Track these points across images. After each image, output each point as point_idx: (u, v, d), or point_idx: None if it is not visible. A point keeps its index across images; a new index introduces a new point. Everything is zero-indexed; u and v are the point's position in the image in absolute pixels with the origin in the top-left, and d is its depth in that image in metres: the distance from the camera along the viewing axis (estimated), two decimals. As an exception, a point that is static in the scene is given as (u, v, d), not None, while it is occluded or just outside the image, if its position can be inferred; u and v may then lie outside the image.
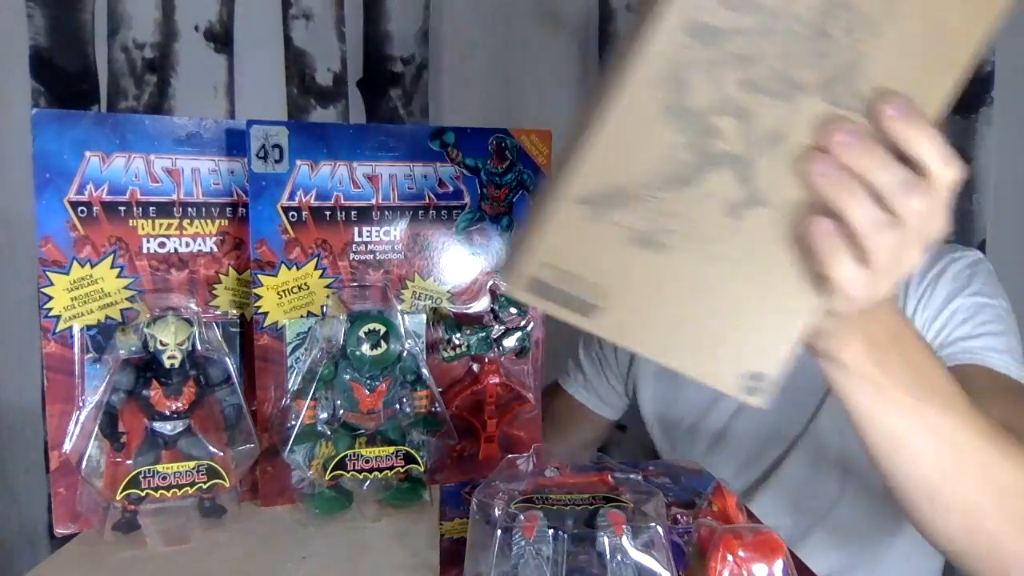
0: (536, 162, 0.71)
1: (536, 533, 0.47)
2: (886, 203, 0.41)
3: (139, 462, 0.57)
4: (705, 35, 0.40)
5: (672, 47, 0.40)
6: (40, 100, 1.11)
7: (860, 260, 0.41)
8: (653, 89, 0.40)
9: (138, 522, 0.57)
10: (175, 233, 0.63)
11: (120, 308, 0.61)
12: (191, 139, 0.62)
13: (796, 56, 0.40)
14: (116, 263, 0.61)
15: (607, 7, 1.15)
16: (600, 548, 0.47)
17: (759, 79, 0.41)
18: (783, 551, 0.44)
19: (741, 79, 0.41)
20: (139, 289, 0.61)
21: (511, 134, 0.70)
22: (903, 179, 0.40)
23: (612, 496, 0.51)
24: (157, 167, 0.62)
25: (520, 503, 0.50)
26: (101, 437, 0.57)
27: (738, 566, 0.43)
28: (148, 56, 1.15)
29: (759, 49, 0.40)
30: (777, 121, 0.41)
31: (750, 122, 0.41)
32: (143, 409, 0.57)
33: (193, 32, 1.16)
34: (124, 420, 0.57)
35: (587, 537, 0.47)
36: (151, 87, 1.16)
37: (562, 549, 0.47)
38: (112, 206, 0.60)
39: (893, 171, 0.40)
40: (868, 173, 0.40)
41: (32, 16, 1.10)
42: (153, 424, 0.57)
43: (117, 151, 0.60)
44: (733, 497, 0.54)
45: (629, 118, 0.41)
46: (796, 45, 0.40)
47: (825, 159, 0.41)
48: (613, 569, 0.46)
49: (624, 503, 0.50)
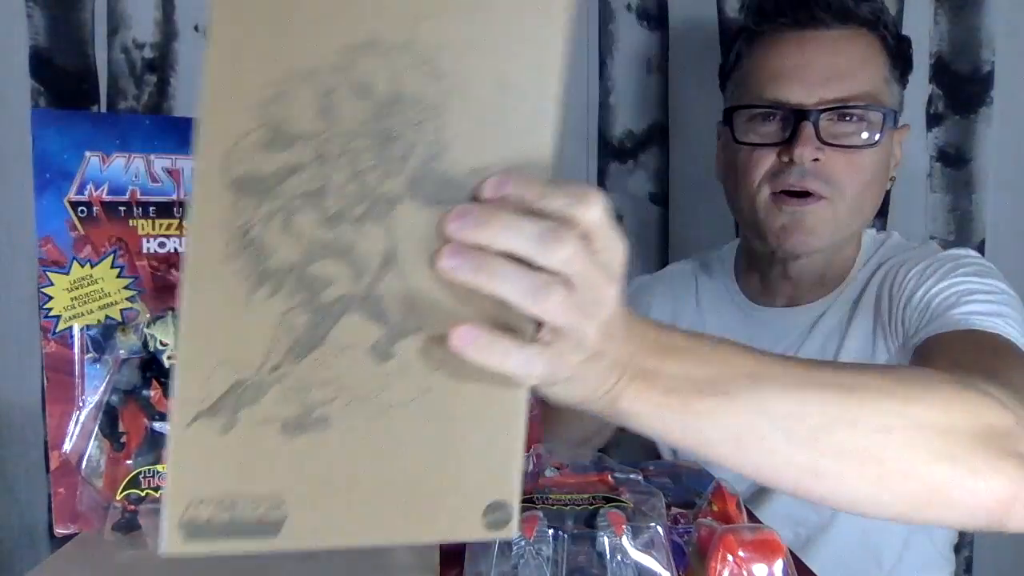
0: (536, 162, 0.71)
1: (536, 533, 0.47)
2: (535, 263, 0.37)
3: (139, 462, 0.57)
4: (254, 186, 0.36)
5: (223, 213, 0.35)
6: (40, 100, 1.11)
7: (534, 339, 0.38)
8: (224, 266, 0.36)
9: (138, 522, 0.57)
10: (175, 233, 0.63)
11: (120, 308, 0.61)
12: (191, 139, 0.62)
13: (370, 170, 0.37)
14: (116, 263, 0.61)
15: (607, 7, 1.15)
16: (600, 548, 0.47)
17: (342, 209, 0.37)
18: (783, 551, 0.44)
19: (321, 217, 0.37)
20: (139, 289, 0.61)
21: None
22: (540, 231, 0.37)
23: (612, 496, 0.51)
24: (157, 167, 0.62)
25: (520, 503, 0.50)
26: (101, 437, 0.57)
27: (738, 566, 0.43)
28: (148, 56, 1.15)
29: (326, 179, 0.36)
30: (383, 243, 0.37)
31: (354, 256, 0.37)
32: (143, 409, 0.57)
33: (193, 32, 1.16)
34: (124, 420, 0.57)
35: (587, 537, 0.47)
36: (151, 87, 1.15)
37: (562, 549, 0.47)
38: (112, 206, 0.60)
39: (524, 228, 0.37)
40: (497, 242, 0.37)
41: (32, 16, 1.10)
42: (153, 424, 0.57)
43: (117, 151, 0.60)
44: (733, 497, 0.54)
45: (211, 309, 0.36)
46: (365, 159, 0.37)
47: (449, 251, 0.37)
48: (613, 569, 0.46)
49: (624, 503, 0.50)
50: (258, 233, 0.36)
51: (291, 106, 0.36)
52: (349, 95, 0.36)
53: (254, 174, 0.36)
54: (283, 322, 0.37)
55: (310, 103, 0.36)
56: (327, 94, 0.36)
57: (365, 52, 0.36)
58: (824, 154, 0.80)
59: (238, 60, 0.35)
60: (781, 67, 0.82)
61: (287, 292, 0.37)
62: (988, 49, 1.10)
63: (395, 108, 0.37)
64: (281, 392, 0.37)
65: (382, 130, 0.37)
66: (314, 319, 0.37)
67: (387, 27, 0.36)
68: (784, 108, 0.82)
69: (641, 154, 1.17)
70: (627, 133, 1.17)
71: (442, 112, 0.37)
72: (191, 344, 0.37)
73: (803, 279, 0.90)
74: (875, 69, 0.83)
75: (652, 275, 1.07)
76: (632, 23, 1.16)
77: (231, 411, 0.37)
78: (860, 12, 0.82)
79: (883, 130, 0.81)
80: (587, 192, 0.38)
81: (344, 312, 0.38)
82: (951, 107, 1.13)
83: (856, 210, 0.83)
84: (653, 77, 1.16)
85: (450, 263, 0.37)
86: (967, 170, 1.13)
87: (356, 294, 0.38)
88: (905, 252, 0.85)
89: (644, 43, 1.16)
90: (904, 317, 0.77)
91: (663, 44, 1.16)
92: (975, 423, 0.47)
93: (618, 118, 1.17)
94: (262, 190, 0.36)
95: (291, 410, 0.38)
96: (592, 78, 1.16)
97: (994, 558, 1.16)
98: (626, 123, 1.17)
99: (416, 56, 0.37)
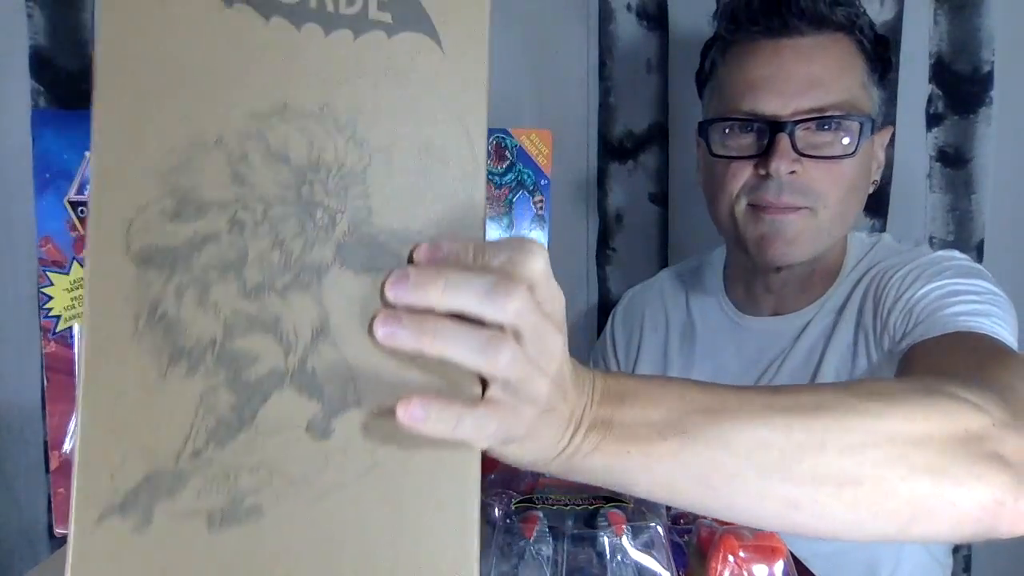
0: (536, 162, 0.71)
1: (536, 533, 0.47)
2: (484, 319, 0.35)
3: (139, 462, 0.56)
4: (162, 259, 0.33)
5: (127, 288, 0.33)
6: (40, 100, 1.11)
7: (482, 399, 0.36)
8: (131, 345, 0.33)
9: (138, 522, 0.57)
10: (175, 233, 0.63)
11: (120, 308, 0.61)
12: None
13: (294, 238, 0.35)
14: (116, 263, 0.61)
15: (607, 7, 1.15)
16: (600, 548, 0.47)
17: (264, 280, 0.35)
18: (783, 552, 0.44)
19: (241, 289, 0.34)
20: (139, 289, 0.61)
21: (511, 134, 0.70)
22: (486, 286, 0.35)
23: (612, 496, 0.51)
24: (157, 167, 0.62)
25: (520, 503, 0.50)
26: (101, 437, 0.56)
27: (738, 566, 0.43)
28: (148, 56, 1.15)
29: (244, 248, 0.34)
30: (313, 314, 0.35)
31: (281, 328, 0.35)
32: (143, 409, 0.57)
33: (193, 32, 1.16)
34: (124, 420, 0.57)
35: (587, 537, 0.48)
36: (151, 87, 1.16)
37: (562, 549, 0.47)
38: (112, 206, 0.60)
39: (471, 283, 0.35)
40: (443, 302, 0.35)
41: (32, 16, 1.10)
42: (153, 424, 0.57)
43: (117, 151, 0.60)
44: (733, 497, 0.54)
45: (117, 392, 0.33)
46: (287, 227, 0.35)
47: (387, 317, 0.35)
48: (613, 569, 0.46)
49: (624, 503, 0.50)
50: (169, 307, 0.33)
51: (200, 173, 0.34)
52: (265, 161, 0.35)
53: (161, 246, 0.33)
54: (203, 403, 0.34)
55: (221, 170, 0.34)
56: (241, 160, 0.34)
57: (278, 118, 0.35)
58: (801, 165, 0.78)
59: (135, 127, 0.33)
60: (755, 77, 0.80)
61: (206, 370, 0.34)
62: (988, 49, 1.10)
63: (316, 174, 0.35)
64: (204, 481, 0.34)
65: (304, 196, 0.35)
66: (239, 399, 0.34)
67: (299, 93, 0.35)
68: (759, 119, 0.79)
69: (641, 154, 1.17)
70: (627, 133, 1.17)
71: (366, 177, 0.36)
72: (94, 432, 0.33)
73: (786, 289, 0.89)
74: (852, 75, 0.81)
75: (642, 285, 1.06)
76: (632, 23, 1.16)
77: (145, 506, 0.33)
78: (835, 17, 0.80)
79: (861, 138, 0.79)
80: (527, 244, 0.37)
81: (274, 389, 0.35)
82: (951, 107, 1.12)
83: (838, 218, 0.82)
84: (653, 77, 1.16)
85: (389, 330, 0.35)
86: (967, 170, 1.13)
87: (286, 369, 0.35)
88: (893, 256, 0.84)
89: (644, 43, 1.16)
90: (889, 323, 0.76)
91: (663, 44, 1.16)
92: (950, 429, 0.45)
93: (618, 118, 1.16)
94: (171, 262, 0.33)
95: (217, 501, 0.34)
96: (592, 78, 1.16)
97: (993, 558, 1.16)
98: (626, 123, 1.17)
99: (333, 122, 0.36)
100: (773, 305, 0.91)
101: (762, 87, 0.80)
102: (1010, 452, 0.46)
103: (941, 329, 0.69)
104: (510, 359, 0.36)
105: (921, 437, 0.44)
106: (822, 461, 0.43)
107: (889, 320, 0.76)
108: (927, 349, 0.68)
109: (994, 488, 0.45)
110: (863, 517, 0.44)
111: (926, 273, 0.76)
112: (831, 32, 0.80)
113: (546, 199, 0.69)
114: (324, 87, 0.36)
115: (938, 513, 0.45)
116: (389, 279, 0.36)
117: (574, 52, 1.15)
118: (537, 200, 0.69)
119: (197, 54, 0.34)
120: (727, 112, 0.83)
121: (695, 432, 0.41)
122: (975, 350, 0.64)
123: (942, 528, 0.46)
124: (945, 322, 0.69)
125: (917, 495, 0.44)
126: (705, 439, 0.41)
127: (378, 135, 0.36)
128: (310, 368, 0.35)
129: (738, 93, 0.82)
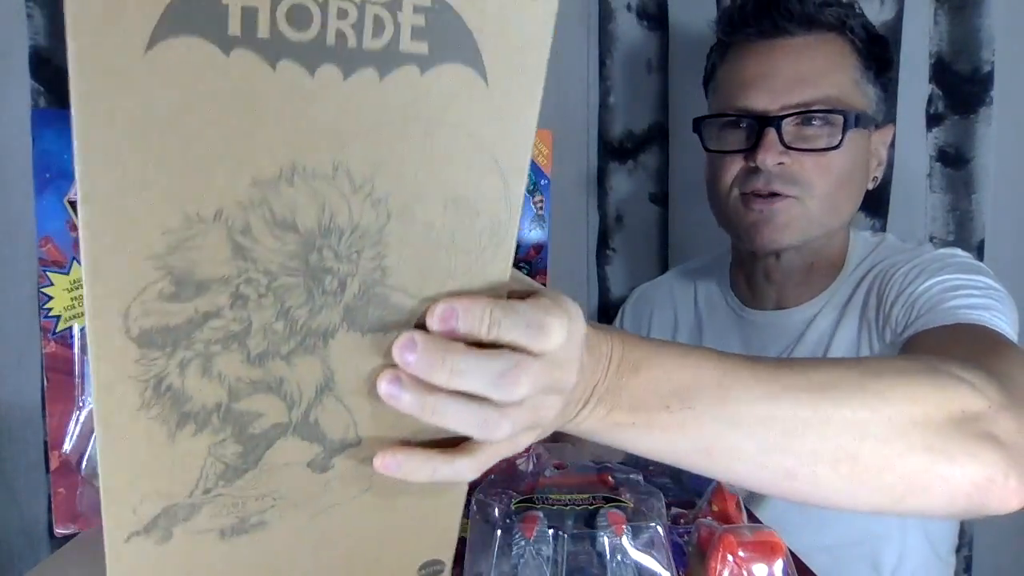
0: (536, 162, 0.71)
1: (536, 533, 0.47)
2: (492, 400, 0.35)
3: (139, 462, 0.57)
4: (163, 339, 0.32)
5: (131, 367, 0.32)
6: (40, 100, 1.11)
7: (467, 452, 0.38)
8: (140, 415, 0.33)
9: (138, 522, 0.57)
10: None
11: (120, 308, 0.61)
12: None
13: (301, 305, 0.33)
14: (116, 263, 0.61)
15: (607, 7, 1.15)
16: (600, 548, 0.47)
17: (270, 347, 0.34)
18: (783, 551, 0.44)
19: (246, 357, 0.34)
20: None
21: (511, 134, 0.70)
22: (495, 374, 0.35)
23: (612, 496, 0.51)
24: (157, 167, 0.61)
25: (520, 503, 0.50)
26: (101, 437, 0.57)
27: (738, 566, 0.43)
28: (148, 56, 1.15)
29: (248, 320, 0.33)
30: (318, 373, 0.35)
31: (285, 389, 0.35)
32: (143, 409, 0.57)
33: (193, 32, 1.16)
34: (124, 420, 0.57)
35: (587, 537, 0.47)
36: (151, 87, 1.16)
37: (562, 549, 0.47)
38: (112, 206, 0.60)
39: (481, 369, 0.34)
40: (450, 384, 0.35)
41: (32, 16, 1.10)
42: (153, 424, 0.57)
43: (117, 151, 0.60)
44: (733, 497, 0.54)
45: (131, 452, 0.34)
46: (293, 297, 0.33)
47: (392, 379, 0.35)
48: (613, 569, 0.46)
49: (624, 503, 0.50)
50: (174, 381, 0.33)
51: (198, 251, 0.31)
52: (269, 231, 0.31)
53: (161, 326, 0.32)
54: (211, 453, 0.35)
55: (221, 245, 0.31)
56: (242, 232, 0.31)
57: (285, 183, 0.31)
58: (789, 158, 0.81)
59: (122, 213, 0.30)
60: (748, 76, 0.84)
61: (213, 429, 0.35)
62: (988, 49, 1.10)
63: (327, 239, 0.32)
64: (215, 508, 0.37)
65: (312, 264, 0.32)
66: (245, 448, 0.35)
67: (310, 154, 0.31)
68: (750, 116, 0.83)
69: (641, 154, 1.17)
70: (627, 133, 1.17)
71: (382, 237, 0.33)
72: (113, 483, 0.35)
73: (786, 280, 0.91)
74: (842, 72, 0.83)
75: (651, 283, 1.09)
76: (632, 23, 1.16)
77: (165, 528, 0.36)
78: (824, 18, 0.83)
79: (845, 131, 0.81)
80: (547, 321, 0.35)
81: (278, 438, 0.36)
82: (951, 107, 1.12)
83: (829, 208, 0.84)
84: (653, 77, 1.16)
85: (393, 391, 0.35)
86: (967, 170, 1.13)
87: (289, 421, 0.36)
88: (897, 254, 0.85)
89: (644, 43, 1.16)
90: (891, 316, 0.78)
91: (663, 44, 1.16)
92: (948, 409, 0.47)
93: (618, 118, 1.16)
94: (173, 340, 0.32)
95: (228, 521, 0.37)
96: (592, 78, 1.16)
97: (994, 558, 1.16)
98: (626, 123, 1.17)
99: (348, 183, 0.32)
100: (776, 298, 0.92)
101: (753, 85, 0.83)
102: (1003, 433, 0.48)
103: (942, 320, 0.70)
104: (509, 431, 0.37)
105: (921, 416, 0.46)
106: (823, 437, 0.44)
107: (892, 313, 0.78)
108: (927, 338, 0.69)
109: (986, 466, 0.47)
110: (858, 490, 0.46)
111: (928, 269, 0.78)
112: (822, 32, 0.83)
113: (546, 199, 0.69)
114: (339, 142, 0.31)
115: (932, 488, 0.46)
116: (398, 342, 0.34)
117: (574, 52, 1.15)
118: (537, 200, 0.69)
119: (191, 118, 0.29)
120: (722, 109, 0.87)
121: (702, 408, 0.43)
122: (975, 340, 0.66)
123: (935, 503, 0.47)
124: (946, 314, 0.70)
125: (913, 471, 0.46)
126: (712, 415, 0.43)
127: (400, 191, 0.32)
128: (313, 419, 0.36)
129: (732, 91, 0.86)
